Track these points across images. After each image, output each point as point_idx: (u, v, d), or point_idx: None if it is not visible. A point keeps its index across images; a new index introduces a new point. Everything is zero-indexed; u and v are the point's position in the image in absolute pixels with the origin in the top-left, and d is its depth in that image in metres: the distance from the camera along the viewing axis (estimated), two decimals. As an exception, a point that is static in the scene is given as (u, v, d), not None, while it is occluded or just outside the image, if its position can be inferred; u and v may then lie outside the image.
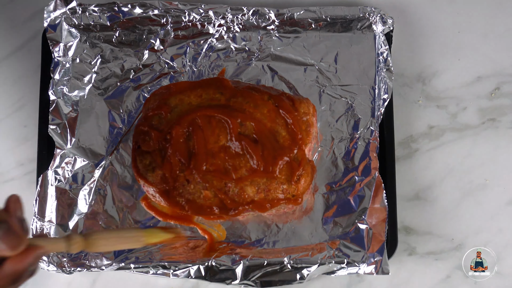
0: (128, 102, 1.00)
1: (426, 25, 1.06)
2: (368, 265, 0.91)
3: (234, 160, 0.89)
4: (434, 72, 1.04)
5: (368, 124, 0.98)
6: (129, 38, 1.02)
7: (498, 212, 0.99)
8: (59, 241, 0.71)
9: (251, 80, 1.01)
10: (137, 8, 1.01)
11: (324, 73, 1.01)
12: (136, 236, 0.79)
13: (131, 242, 0.78)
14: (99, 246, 0.74)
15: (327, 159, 0.97)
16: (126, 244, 0.78)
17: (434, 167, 1.00)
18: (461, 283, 0.97)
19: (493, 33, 1.05)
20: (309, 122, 0.93)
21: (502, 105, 1.03)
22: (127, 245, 0.78)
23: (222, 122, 0.90)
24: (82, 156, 0.97)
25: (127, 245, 0.78)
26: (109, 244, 0.76)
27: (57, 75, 1.00)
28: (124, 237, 0.77)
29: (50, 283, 0.97)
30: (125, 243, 0.77)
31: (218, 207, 0.90)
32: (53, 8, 1.01)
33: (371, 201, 0.94)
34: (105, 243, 0.75)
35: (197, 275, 0.92)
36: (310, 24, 1.02)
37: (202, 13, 1.02)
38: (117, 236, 0.77)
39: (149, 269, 0.92)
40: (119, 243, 0.77)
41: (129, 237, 0.78)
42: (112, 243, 0.76)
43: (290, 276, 0.92)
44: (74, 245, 0.72)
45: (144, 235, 0.80)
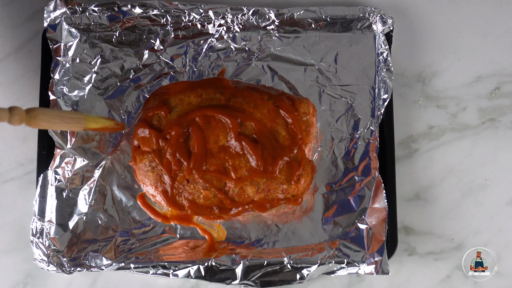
0: (128, 102, 1.00)
1: (426, 25, 1.06)
2: (368, 265, 0.91)
3: (234, 160, 0.89)
4: (434, 72, 1.04)
5: (368, 124, 0.98)
6: (129, 38, 1.02)
7: (498, 212, 0.99)
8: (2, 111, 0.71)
9: (251, 80, 1.01)
10: (137, 8, 1.01)
11: (324, 73, 1.01)
12: (78, 118, 0.79)
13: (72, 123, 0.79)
14: (41, 121, 0.75)
15: (327, 159, 0.97)
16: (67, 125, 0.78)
17: (434, 167, 1.00)
18: (461, 283, 0.97)
19: (493, 33, 1.05)
20: (309, 122, 0.93)
21: (502, 105, 1.03)
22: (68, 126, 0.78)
23: (222, 122, 0.90)
24: (82, 156, 0.97)
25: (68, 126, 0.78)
26: (51, 122, 0.76)
27: (57, 75, 1.00)
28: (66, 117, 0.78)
29: (50, 283, 0.97)
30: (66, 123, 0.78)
31: (218, 207, 0.90)
32: (53, 8, 1.01)
33: (371, 201, 0.94)
34: (47, 119, 0.75)
35: (197, 275, 0.92)
36: (310, 24, 1.02)
37: (202, 13, 1.02)
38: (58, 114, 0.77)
39: (149, 269, 0.92)
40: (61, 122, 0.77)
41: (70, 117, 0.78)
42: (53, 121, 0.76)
43: (290, 276, 0.92)
44: (16, 116, 0.72)
45: (85, 118, 0.80)
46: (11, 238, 0.98)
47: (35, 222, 0.94)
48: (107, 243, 0.94)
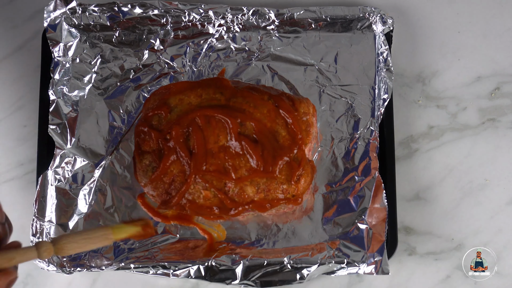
0: (128, 102, 1.00)
1: (426, 25, 1.06)
2: (368, 265, 0.91)
3: (234, 160, 0.89)
4: (434, 72, 1.04)
5: (368, 124, 0.98)
6: (129, 38, 1.02)
7: (498, 212, 0.99)
8: (30, 250, 0.73)
9: (251, 80, 1.01)
10: (137, 8, 1.01)
11: (324, 73, 1.01)
12: (104, 235, 0.79)
13: (100, 241, 0.79)
14: (69, 249, 0.76)
15: (327, 159, 0.97)
16: (95, 244, 0.79)
17: (434, 167, 1.00)
18: (461, 283, 0.97)
19: (493, 33, 1.05)
20: (309, 122, 0.93)
21: (502, 105, 1.03)
22: (96, 245, 0.79)
23: (222, 122, 0.90)
24: (82, 156, 0.97)
25: (96, 245, 0.79)
26: (79, 246, 0.77)
27: (57, 75, 1.00)
28: (93, 237, 0.78)
29: (50, 283, 0.97)
30: (94, 243, 0.78)
31: (218, 207, 0.90)
32: (53, 8, 1.01)
33: (371, 201, 0.94)
34: (74, 246, 0.76)
35: (197, 275, 0.92)
36: (310, 24, 1.02)
37: (202, 13, 1.02)
38: (85, 237, 0.78)
39: (149, 269, 0.92)
40: (89, 243, 0.78)
41: (97, 237, 0.79)
42: (81, 245, 0.77)
43: (290, 276, 0.92)
44: (44, 252, 0.74)
45: (112, 232, 0.80)
46: (11, 238, 0.98)
47: (35, 222, 0.94)
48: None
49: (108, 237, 0.80)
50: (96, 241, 0.78)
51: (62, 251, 0.75)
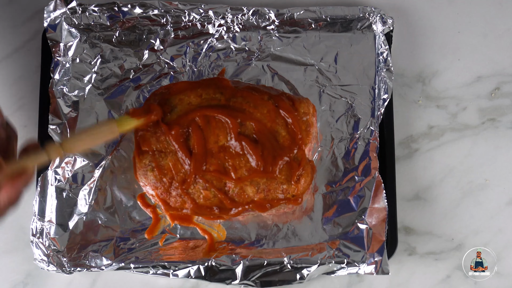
0: (128, 102, 1.00)
1: (426, 25, 1.06)
2: (368, 265, 0.91)
3: (234, 160, 0.89)
4: (434, 72, 1.04)
5: (368, 124, 0.98)
6: (129, 38, 1.02)
7: (498, 212, 0.99)
8: (41, 154, 0.74)
9: (251, 80, 1.01)
10: (137, 8, 1.01)
11: (324, 73, 1.01)
12: (109, 128, 0.80)
13: (106, 135, 0.80)
14: (77, 147, 0.77)
15: (327, 159, 0.97)
16: (102, 139, 0.80)
17: (434, 167, 1.00)
18: (461, 283, 0.97)
19: (493, 33, 1.05)
20: (309, 122, 0.93)
21: (502, 105, 1.03)
22: (102, 139, 0.80)
23: (222, 122, 0.90)
24: (82, 156, 0.97)
25: (102, 139, 0.80)
26: (86, 143, 0.78)
27: (57, 75, 1.00)
28: (98, 133, 0.79)
29: (50, 283, 0.97)
30: (100, 138, 0.79)
31: (218, 207, 0.90)
32: (53, 8, 1.01)
33: (371, 201, 0.94)
34: (82, 143, 0.77)
35: (197, 275, 0.92)
36: (310, 24, 1.02)
37: (202, 13, 1.02)
38: (91, 133, 0.78)
39: (149, 269, 0.92)
40: (95, 139, 0.79)
41: (102, 131, 0.79)
42: (88, 141, 0.78)
43: (290, 276, 0.92)
44: (54, 153, 0.74)
45: (117, 125, 0.81)
46: (11, 238, 0.98)
47: (35, 222, 0.94)
48: (107, 243, 0.94)
49: (113, 130, 0.80)
50: (102, 135, 0.79)
51: (71, 149, 0.76)
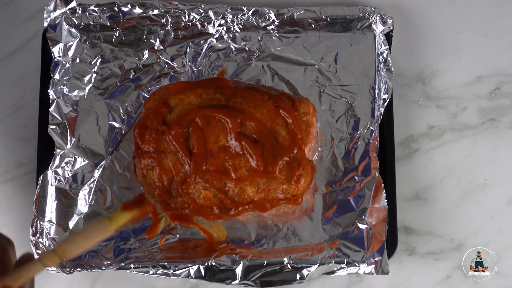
0: (128, 102, 1.00)
1: (426, 25, 1.06)
2: (368, 265, 0.91)
3: (234, 160, 0.89)
4: (434, 72, 1.04)
5: (368, 124, 0.98)
6: (129, 38, 1.02)
7: (498, 212, 0.99)
8: (35, 265, 0.73)
9: (251, 80, 1.01)
10: (137, 8, 1.02)
11: (324, 73, 1.01)
12: (103, 227, 0.79)
13: (100, 235, 0.79)
14: (72, 251, 0.76)
15: (327, 159, 0.97)
16: (96, 239, 0.78)
17: (434, 167, 1.00)
18: (461, 283, 0.97)
19: (493, 33, 1.05)
20: (309, 122, 0.93)
21: (502, 105, 1.03)
22: (98, 239, 0.79)
23: (222, 122, 0.90)
24: (82, 156, 0.97)
25: (98, 239, 0.79)
26: (81, 246, 0.77)
27: (57, 75, 1.00)
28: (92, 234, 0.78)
29: (50, 283, 0.97)
30: (95, 239, 0.78)
31: (218, 207, 0.90)
32: (53, 8, 1.01)
33: (371, 201, 0.94)
34: (76, 247, 0.76)
35: (197, 275, 0.92)
36: (310, 24, 1.02)
37: (202, 13, 1.02)
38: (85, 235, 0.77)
39: (149, 269, 0.92)
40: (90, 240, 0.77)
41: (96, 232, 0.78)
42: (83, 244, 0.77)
43: (290, 276, 0.92)
44: (49, 261, 0.73)
45: (110, 223, 0.80)
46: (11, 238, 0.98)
47: (35, 222, 0.94)
48: (107, 243, 0.94)
49: (107, 228, 0.79)
50: (97, 236, 0.78)
51: (65, 255, 0.75)
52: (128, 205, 0.85)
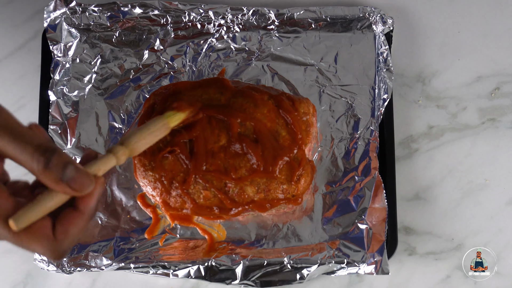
0: (128, 102, 1.00)
1: (426, 25, 1.06)
2: (368, 265, 0.91)
3: (234, 160, 0.89)
4: (434, 72, 1.04)
5: (368, 124, 0.98)
6: (129, 38, 1.02)
7: (498, 212, 0.99)
8: (109, 158, 0.70)
9: (251, 80, 1.01)
10: (137, 8, 1.02)
11: (324, 73, 1.01)
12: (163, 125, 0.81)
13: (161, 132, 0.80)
14: (140, 147, 0.75)
15: (327, 159, 0.97)
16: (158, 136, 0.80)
17: (434, 167, 1.00)
18: (461, 283, 0.97)
19: (493, 33, 1.05)
20: (309, 122, 0.93)
21: (502, 105, 1.03)
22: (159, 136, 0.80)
23: (222, 122, 0.90)
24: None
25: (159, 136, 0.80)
26: (147, 142, 0.77)
27: (57, 75, 1.00)
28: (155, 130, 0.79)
29: (50, 283, 0.97)
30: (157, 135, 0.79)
31: (218, 207, 0.90)
32: (53, 8, 1.01)
33: (371, 201, 0.94)
34: (144, 143, 0.76)
35: (197, 275, 0.92)
36: (310, 24, 1.02)
37: (202, 13, 1.02)
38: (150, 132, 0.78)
39: (149, 269, 0.92)
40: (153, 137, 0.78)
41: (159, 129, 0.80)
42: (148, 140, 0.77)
43: (290, 276, 0.92)
44: (122, 156, 0.71)
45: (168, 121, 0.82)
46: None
47: (35, 222, 0.94)
48: (107, 243, 0.94)
49: (167, 126, 0.81)
50: (159, 133, 0.79)
51: (135, 150, 0.74)
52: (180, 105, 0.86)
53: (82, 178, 0.63)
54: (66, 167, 0.61)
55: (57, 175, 0.61)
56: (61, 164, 0.61)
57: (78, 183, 0.62)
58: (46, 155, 0.61)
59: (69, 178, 0.62)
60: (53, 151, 0.61)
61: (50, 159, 0.61)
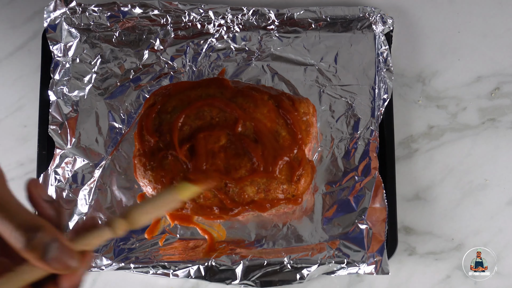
0: (128, 102, 1.00)
1: (426, 25, 1.06)
2: (368, 265, 0.91)
3: (234, 160, 0.89)
4: (434, 72, 1.04)
5: (368, 124, 0.98)
6: (129, 38, 1.02)
7: (498, 212, 0.99)
8: (103, 231, 0.68)
9: (251, 80, 1.01)
10: (137, 8, 1.02)
11: (324, 73, 1.01)
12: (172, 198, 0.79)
13: (169, 205, 0.79)
14: (142, 221, 0.74)
15: (327, 159, 0.97)
16: (165, 209, 0.78)
17: (434, 167, 1.00)
18: (461, 283, 0.97)
19: (493, 33, 1.05)
20: (309, 122, 0.93)
21: (502, 105, 1.03)
22: (166, 210, 0.78)
23: (222, 121, 0.90)
24: (82, 156, 0.97)
25: (166, 210, 0.78)
26: (150, 216, 0.75)
27: (57, 75, 1.00)
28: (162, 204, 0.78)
29: (50, 283, 0.97)
30: (164, 209, 0.78)
31: (218, 207, 0.90)
32: (53, 8, 1.01)
33: (371, 201, 0.94)
34: (146, 216, 0.74)
35: (197, 275, 0.92)
36: (310, 24, 1.02)
37: (202, 13, 1.02)
38: (155, 205, 0.76)
39: (149, 269, 0.92)
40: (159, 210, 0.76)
41: (166, 202, 0.78)
42: (152, 214, 0.75)
43: (290, 276, 0.92)
44: (119, 229, 0.70)
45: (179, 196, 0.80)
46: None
47: (35, 222, 0.94)
48: (107, 243, 0.94)
49: (176, 199, 0.79)
50: (166, 207, 0.78)
51: (135, 224, 0.73)
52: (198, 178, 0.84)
53: (65, 258, 0.60)
54: (49, 246, 0.59)
55: (38, 254, 0.59)
56: (43, 244, 0.59)
57: (60, 263, 0.60)
58: (28, 234, 0.59)
59: (51, 258, 0.59)
60: (37, 229, 0.59)
61: (32, 238, 0.59)
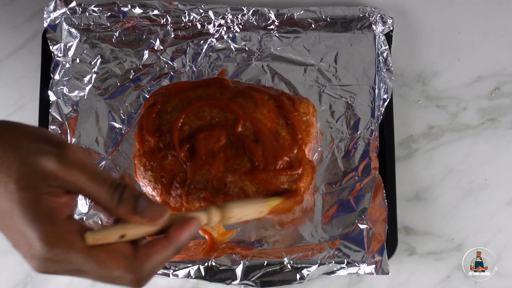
0: (128, 102, 1.00)
1: (426, 25, 1.06)
2: (368, 265, 0.91)
3: (234, 160, 0.89)
4: (434, 72, 1.04)
5: (368, 124, 0.98)
6: (129, 38, 1.02)
7: (498, 212, 0.99)
8: (200, 215, 0.71)
9: (251, 80, 1.01)
10: (137, 8, 1.02)
11: (324, 73, 1.01)
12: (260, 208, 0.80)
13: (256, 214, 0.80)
14: (233, 219, 0.76)
15: (327, 159, 0.97)
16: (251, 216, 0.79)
17: (434, 167, 1.00)
18: (461, 283, 0.97)
19: (493, 33, 1.05)
20: (309, 122, 0.94)
21: (502, 105, 1.03)
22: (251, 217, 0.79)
23: (222, 121, 0.90)
24: (82, 156, 0.97)
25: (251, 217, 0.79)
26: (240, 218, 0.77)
27: (57, 75, 1.00)
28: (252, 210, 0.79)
29: (50, 283, 0.97)
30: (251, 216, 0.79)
31: (218, 207, 0.90)
32: (53, 8, 1.01)
33: (371, 201, 0.94)
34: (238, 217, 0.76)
35: (197, 275, 0.92)
36: (310, 24, 1.02)
37: (202, 13, 1.02)
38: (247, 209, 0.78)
39: (149, 269, 0.92)
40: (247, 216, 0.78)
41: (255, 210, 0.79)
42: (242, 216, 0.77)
43: (290, 276, 0.92)
44: (213, 218, 0.72)
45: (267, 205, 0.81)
46: (11, 238, 0.98)
47: (35, 222, 0.94)
48: (107, 243, 0.94)
49: (262, 210, 0.80)
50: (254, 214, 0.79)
51: (227, 220, 0.74)
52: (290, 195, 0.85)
53: (154, 209, 0.65)
54: (138, 200, 0.65)
55: (131, 207, 0.65)
56: (133, 198, 0.65)
57: (150, 213, 0.65)
58: (118, 190, 0.65)
59: (141, 209, 0.65)
60: (125, 186, 0.65)
61: (123, 194, 0.65)
